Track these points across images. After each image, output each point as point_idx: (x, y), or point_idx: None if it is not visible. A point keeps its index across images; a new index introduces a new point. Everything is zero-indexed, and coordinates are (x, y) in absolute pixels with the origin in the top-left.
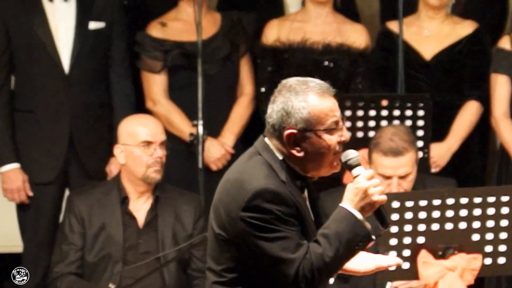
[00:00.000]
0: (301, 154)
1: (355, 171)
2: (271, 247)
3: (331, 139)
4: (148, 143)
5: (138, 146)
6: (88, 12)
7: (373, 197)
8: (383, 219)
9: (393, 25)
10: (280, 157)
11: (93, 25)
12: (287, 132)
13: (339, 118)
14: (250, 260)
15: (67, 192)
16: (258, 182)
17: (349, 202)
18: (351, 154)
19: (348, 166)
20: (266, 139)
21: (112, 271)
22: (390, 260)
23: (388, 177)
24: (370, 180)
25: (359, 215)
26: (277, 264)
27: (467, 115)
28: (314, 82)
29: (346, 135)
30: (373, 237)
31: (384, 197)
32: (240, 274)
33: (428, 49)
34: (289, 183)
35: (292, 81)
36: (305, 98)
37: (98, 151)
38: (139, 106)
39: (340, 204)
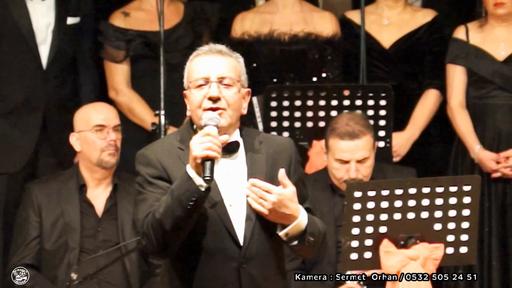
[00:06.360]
0: (189, 113)
1: (204, 129)
2: (138, 208)
3: (195, 94)
4: (101, 127)
5: (91, 130)
6: (66, 8)
7: (193, 151)
8: (204, 173)
9: (352, 15)
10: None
11: (70, 20)
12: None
13: (206, 76)
14: None
15: None
16: (141, 149)
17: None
18: (209, 115)
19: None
20: None
21: (70, 259)
22: None
23: (346, 162)
24: (200, 136)
25: (191, 171)
26: (137, 224)
27: (427, 104)
28: (210, 46)
29: (211, 92)
30: (203, 191)
31: (206, 152)
32: None
33: (387, 37)
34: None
35: None
36: (190, 59)
37: (68, 143)
38: (102, 95)
39: None
